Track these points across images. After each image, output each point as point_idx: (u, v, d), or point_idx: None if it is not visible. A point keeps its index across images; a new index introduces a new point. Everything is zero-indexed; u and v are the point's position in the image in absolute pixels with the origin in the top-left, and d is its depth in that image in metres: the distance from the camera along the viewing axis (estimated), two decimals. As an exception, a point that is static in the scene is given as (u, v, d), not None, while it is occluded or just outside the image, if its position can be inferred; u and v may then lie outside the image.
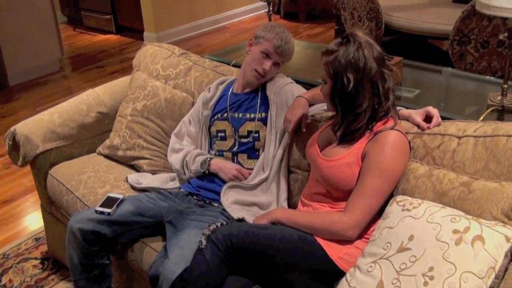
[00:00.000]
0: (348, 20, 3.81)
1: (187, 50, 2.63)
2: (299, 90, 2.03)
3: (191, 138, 2.19)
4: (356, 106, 1.59)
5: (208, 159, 2.03)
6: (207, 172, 2.02)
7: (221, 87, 2.19)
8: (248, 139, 2.03)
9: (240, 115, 2.07)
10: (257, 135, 2.03)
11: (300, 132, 1.91)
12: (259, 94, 2.06)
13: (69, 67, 5.36)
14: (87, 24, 6.49)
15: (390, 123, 1.60)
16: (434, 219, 1.36)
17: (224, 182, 1.98)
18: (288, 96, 2.00)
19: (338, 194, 1.64)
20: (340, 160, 1.62)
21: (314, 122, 1.94)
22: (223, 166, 2.01)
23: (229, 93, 2.13)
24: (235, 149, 2.05)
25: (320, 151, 1.72)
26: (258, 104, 2.05)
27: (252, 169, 2.01)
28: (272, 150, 1.98)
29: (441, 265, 1.27)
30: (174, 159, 2.13)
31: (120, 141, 2.34)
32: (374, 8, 3.45)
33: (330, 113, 1.88)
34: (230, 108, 2.09)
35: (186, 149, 2.13)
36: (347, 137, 1.63)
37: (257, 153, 2.04)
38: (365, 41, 1.58)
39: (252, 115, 2.04)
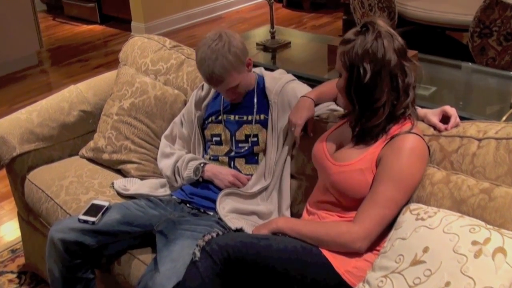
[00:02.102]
0: (358, 9, 3.83)
1: (179, 42, 2.64)
2: (302, 88, 2.03)
3: (183, 141, 2.19)
4: (373, 101, 1.59)
5: (202, 164, 2.03)
6: (201, 179, 2.03)
7: (216, 85, 2.19)
8: (246, 144, 2.04)
9: (236, 117, 2.06)
10: (256, 139, 2.03)
11: (307, 136, 1.92)
12: (257, 93, 2.05)
13: (49, 61, 5.37)
14: (69, 13, 6.50)
15: (407, 125, 1.61)
16: (451, 229, 1.37)
17: (220, 188, 1.99)
18: (290, 96, 2.00)
19: (349, 203, 1.65)
20: (353, 165, 1.62)
21: (320, 122, 1.95)
22: (218, 172, 2.01)
23: (224, 93, 2.14)
24: (232, 154, 2.06)
25: (330, 154, 1.73)
26: (256, 105, 2.04)
27: (250, 175, 2.02)
28: (274, 156, 1.97)
29: (458, 280, 1.28)
30: (165, 165, 2.13)
31: (105, 143, 2.35)
32: (387, -3, 3.47)
33: (338, 113, 1.89)
34: (224, 110, 2.09)
35: (177, 153, 2.13)
36: (364, 136, 1.64)
37: (256, 157, 2.04)
38: (385, 31, 1.58)
39: (249, 117, 2.04)
